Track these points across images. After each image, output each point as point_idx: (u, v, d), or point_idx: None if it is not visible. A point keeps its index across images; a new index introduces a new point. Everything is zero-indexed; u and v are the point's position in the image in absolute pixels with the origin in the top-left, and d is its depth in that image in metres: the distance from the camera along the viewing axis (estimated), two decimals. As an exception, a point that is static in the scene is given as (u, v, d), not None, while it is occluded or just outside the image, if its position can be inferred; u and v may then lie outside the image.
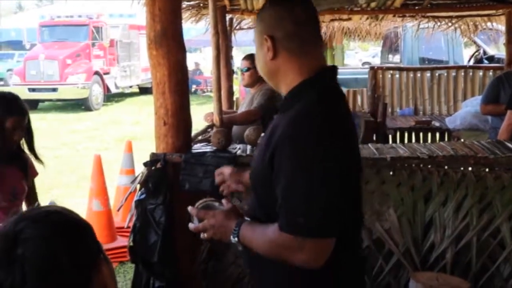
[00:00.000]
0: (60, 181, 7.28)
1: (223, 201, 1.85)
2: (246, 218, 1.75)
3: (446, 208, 3.05)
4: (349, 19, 7.88)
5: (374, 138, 6.11)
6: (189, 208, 1.82)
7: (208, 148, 3.23)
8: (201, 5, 5.67)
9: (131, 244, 3.07)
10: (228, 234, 1.71)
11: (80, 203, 5.94)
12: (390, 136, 6.65)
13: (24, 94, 16.57)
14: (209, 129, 4.51)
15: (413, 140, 6.75)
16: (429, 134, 6.91)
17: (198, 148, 3.25)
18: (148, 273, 3.05)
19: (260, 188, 1.76)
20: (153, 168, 3.00)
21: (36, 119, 14.48)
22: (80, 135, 12.01)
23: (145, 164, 3.02)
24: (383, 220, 3.07)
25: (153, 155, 3.00)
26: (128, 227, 3.28)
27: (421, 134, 6.84)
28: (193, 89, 20.41)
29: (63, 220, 1.08)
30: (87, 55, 17.89)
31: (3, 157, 2.64)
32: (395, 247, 3.06)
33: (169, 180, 2.98)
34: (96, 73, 17.55)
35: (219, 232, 1.75)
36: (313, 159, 1.55)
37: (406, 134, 6.83)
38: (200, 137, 4.22)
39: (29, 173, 2.79)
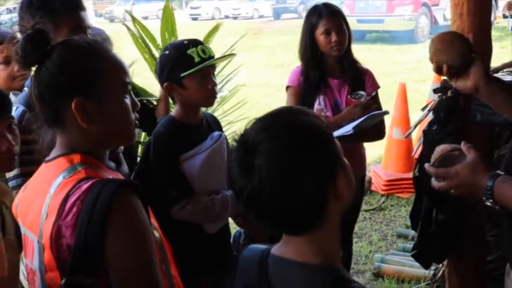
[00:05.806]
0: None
1: (463, 147, 1.51)
2: (499, 172, 1.42)
3: None
4: None
5: None
6: (426, 166, 1.57)
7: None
8: None
9: (417, 174, 2.99)
10: (480, 194, 1.42)
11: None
12: None
13: (352, 25, 17.13)
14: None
15: None
16: None
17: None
18: (432, 205, 2.96)
19: None
20: (444, 97, 2.83)
21: (362, 50, 14.95)
22: (401, 67, 12.01)
23: (435, 90, 2.86)
24: None
25: (444, 82, 2.81)
26: (414, 156, 3.20)
27: None
28: None
29: (301, 136, 1.08)
30: (417, -14, 17.52)
31: None
32: None
33: (460, 110, 2.78)
34: (424, 4, 17.10)
35: (468, 193, 1.48)
36: None
37: None
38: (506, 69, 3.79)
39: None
